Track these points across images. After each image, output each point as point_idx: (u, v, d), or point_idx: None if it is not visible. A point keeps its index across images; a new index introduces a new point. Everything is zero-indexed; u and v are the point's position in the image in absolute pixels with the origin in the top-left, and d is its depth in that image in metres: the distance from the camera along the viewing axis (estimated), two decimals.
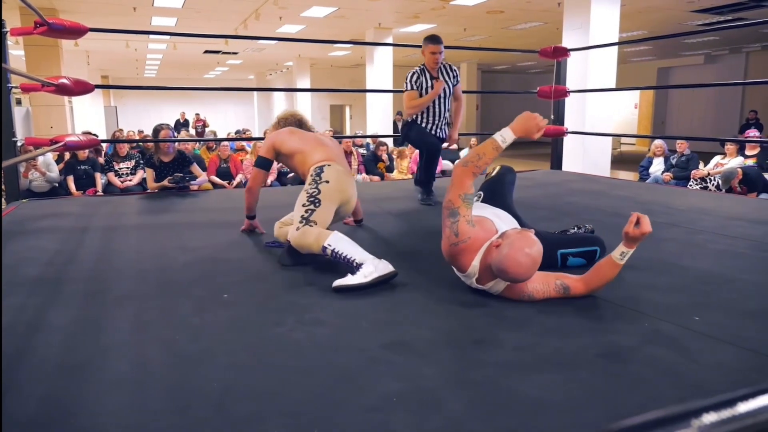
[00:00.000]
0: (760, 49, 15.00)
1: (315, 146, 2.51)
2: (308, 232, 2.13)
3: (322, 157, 2.45)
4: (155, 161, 4.22)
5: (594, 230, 2.54)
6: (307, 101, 17.83)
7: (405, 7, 9.94)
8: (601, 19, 6.33)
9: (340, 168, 2.43)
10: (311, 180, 2.35)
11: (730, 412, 0.38)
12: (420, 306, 1.78)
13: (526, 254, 1.64)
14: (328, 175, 2.35)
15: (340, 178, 2.38)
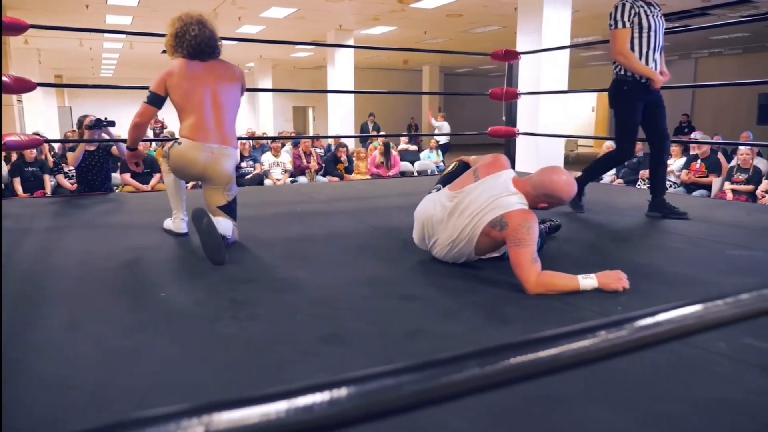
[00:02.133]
0: (708, 55, 15.59)
1: (196, 108, 2.41)
2: (163, 165, 2.58)
3: (188, 128, 2.41)
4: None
5: (561, 225, 2.66)
6: (269, 102, 17.70)
7: (365, 10, 9.98)
8: (553, 24, 6.49)
9: (197, 146, 2.38)
10: (170, 143, 2.52)
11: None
12: (357, 300, 1.81)
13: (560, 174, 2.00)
14: (173, 153, 2.45)
15: (184, 160, 2.41)
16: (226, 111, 2.49)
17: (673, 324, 0.47)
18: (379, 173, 7.89)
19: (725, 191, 6.12)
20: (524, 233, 1.88)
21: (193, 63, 2.45)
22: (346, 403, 0.34)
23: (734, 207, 3.93)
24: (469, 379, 0.38)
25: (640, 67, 2.98)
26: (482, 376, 0.37)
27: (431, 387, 0.37)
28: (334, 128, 12.12)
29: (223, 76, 2.51)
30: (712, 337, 1.47)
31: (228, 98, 2.50)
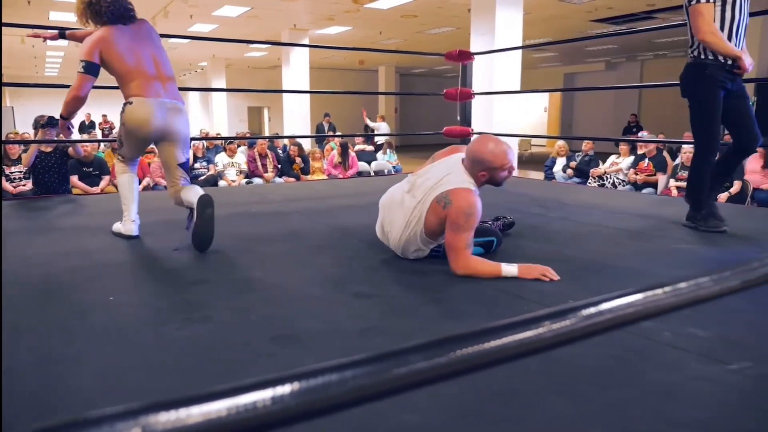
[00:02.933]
0: (653, 57, 16.18)
1: (139, 70, 2.41)
2: (118, 165, 2.61)
3: (136, 88, 2.41)
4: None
5: (514, 222, 2.73)
6: (223, 102, 17.39)
7: (319, 9, 9.93)
8: (505, 25, 6.61)
9: (150, 102, 2.40)
10: (120, 118, 2.49)
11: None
12: (312, 299, 1.80)
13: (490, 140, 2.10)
14: (128, 114, 2.42)
15: (141, 118, 2.41)
16: (165, 68, 2.54)
17: (616, 312, 0.49)
18: (336, 174, 7.87)
19: (670, 188, 6.36)
20: (463, 220, 1.99)
21: (120, 28, 2.45)
22: (290, 399, 0.33)
23: (679, 203, 4.08)
24: (415, 371, 0.38)
25: (729, 47, 2.54)
26: (428, 369, 0.38)
27: (377, 381, 0.37)
28: (290, 129, 12.01)
29: (150, 35, 2.55)
30: (658, 327, 1.53)
31: (163, 55, 2.56)
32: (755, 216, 3.52)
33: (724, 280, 0.61)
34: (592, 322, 0.46)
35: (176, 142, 2.52)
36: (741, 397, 1.18)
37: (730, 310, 1.69)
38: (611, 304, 0.49)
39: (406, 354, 0.38)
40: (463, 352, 0.39)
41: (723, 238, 2.67)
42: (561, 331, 0.44)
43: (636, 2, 8.92)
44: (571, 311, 0.46)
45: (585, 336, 0.46)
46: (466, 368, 0.39)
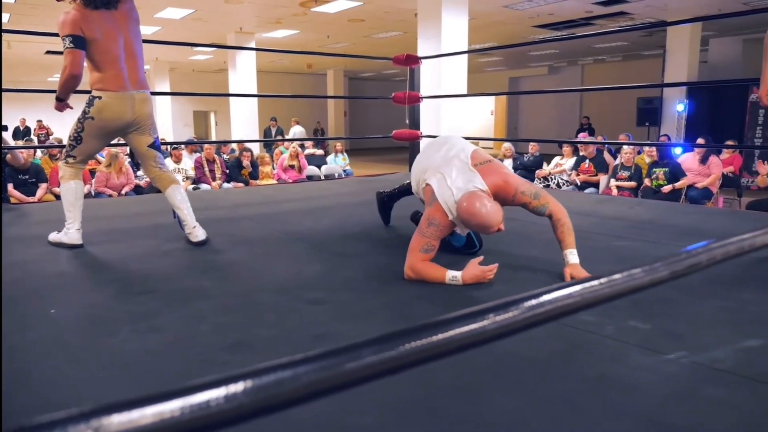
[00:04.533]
0: (593, 62, 16.79)
1: (112, 61, 2.37)
2: (62, 168, 2.51)
3: (105, 80, 2.37)
4: None
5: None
6: (167, 107, 16.96)
7: (266, 12, 9.83)
8: (451, 30, 6.72)
9: (119, 96, 2.39)
10: (81, 112, 2.43)
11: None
12: (264, 306, 1.78)
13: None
14: (96, 109, 2.39)
15: (112, 111, 2.39)
16: (138, 57, 2.50)
17: (556, 303, 0.52)
18: (285, 178, 7.80)
19: (611, 188, 6.61)
20: (425, 225, 2.03)
21: (102, 13, 2.35)
22: (242, 397, 0.34)
23: (618, 202, 4.26)
24: (366, 365, 0.39)
25: None
26: (379, 362, 0.39)
27: (329, 376, 0.38)
28: (237, 133, 11.83)
29: (130, 23, 2.46)
30: (601, 321, 1.59)
31: (138, 45, 2.51)
32: (687, 211, 3.70)
33: (655, 270, 0.65)
34: (534, 313, 0.49)
35: (145, 128, 2.54)
36: (677, 386, 1.24)
37: (669, 301, 1.78)
38: (551, 296, 0.52)
39: (357, 349, 0.39)
40: (412, 345, 0.41)
41: (658, 235, 2.81)
42: (505, 322, 0.47)
43: (575, 9, 9.25)
44: (514, 303, 0.48)
45: (528, 326, 0.49)
46: (415, 361, 0.41)
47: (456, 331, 0.43)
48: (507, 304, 0.47)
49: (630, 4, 8.86)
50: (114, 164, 6.82)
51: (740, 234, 0.86)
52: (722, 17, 3.93)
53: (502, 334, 0.46)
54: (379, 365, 0.39)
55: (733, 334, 1.53)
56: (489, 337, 0.45)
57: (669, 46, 10.48)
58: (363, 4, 9.00)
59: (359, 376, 0.38)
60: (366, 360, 0.39)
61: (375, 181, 5.02)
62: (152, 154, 2.59)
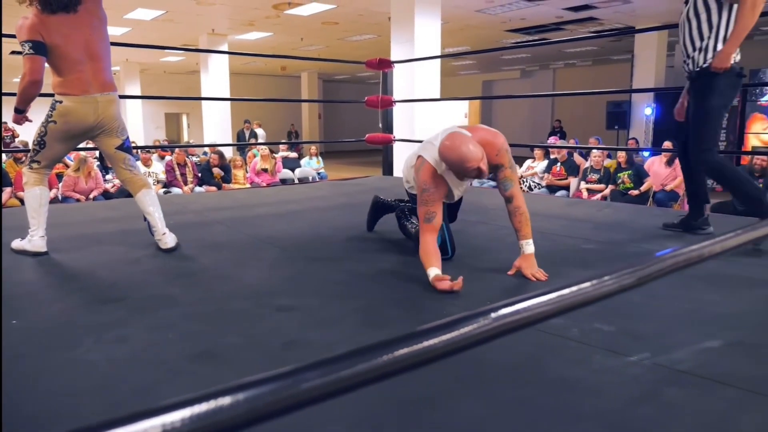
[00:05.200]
0: (564, 66, 17.05)
1: (74, 65, 2.33)
2: (26, 174, 2.46)
3: (68, 84, 2.34)
4: None
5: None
6: (138, 109, 16.68)
7: (238, 14, 9.75)
8: (424, 35, 6.76)
9: (82, 100, 2.36)
10: (45, 115, 2.39)
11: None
12: (233, 313, 1.77)
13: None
14: (59, 114, 2.36)
15: (74, 116, 2.37)
16: (103, 59, 2.45)
17: (529, 312, 0.53)
18: (258, 182, 7.74)
19: (581, 190, 6.72)
20: (420, 193, 2.12)
21: (59, 18, 2.29)
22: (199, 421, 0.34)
23: (587, 205, 4.33)
24: (335, 380, 0.39)
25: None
26: (350, 376, 0.40)
27: (297, 392, 0.38)
28: (210, 136, 11.70)
29: (92, 24, 2.40)
30: (567, 325, 1.62)
31: (103, 46, 2.45)
32: (654, 214, 3.77)
33: (624, 277, 0.68)
34: (505, 321, 0.50)
35: (111, 130, 2.50)
36: (638, 388, 1.27)
37: (633, 304, 1.82)
38: (524, 305, 0.54)
39: (326, 365, 0.43)
40: (384, 358, 0.41)
41: (625, 237, 2.86)
42: (481, 330, 0.48)
43: (546, 15, 9.38)
44: (483, 314, 0.49)
45: (498, 335, 0.50)
46: (389, 372, 0.42)
47: (429, 342, 0.45)
48: (482, 313, 0.49)
49: (599, 10, 9.03)
50: (82, 168, 6.69)
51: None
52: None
53: (478, 342, 0.47)
54: (349, 379, 0.40)
55: (694, 335, 1.57)
56: (465, 346, 0.46)
57: (637, 52, 10.70)
58: (336, 7, 8.99)
59: (327, 391, 0.39)
60: (334, 376, 0.39)
61: (348, 184, 5.01)
62: (121, 156, 2.56)
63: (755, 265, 2.25)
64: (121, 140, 2.55)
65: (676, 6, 9.00)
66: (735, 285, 2.01)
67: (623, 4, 8.58)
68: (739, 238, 1.04)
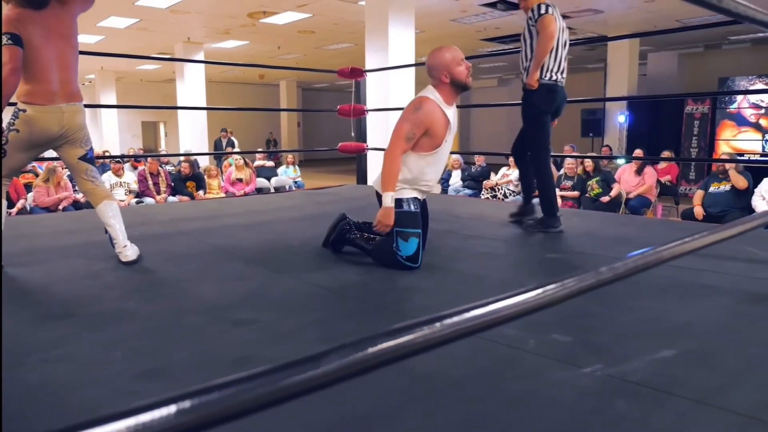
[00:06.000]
0: None
1: (42, 70, 2.26)
2: None
3: (33, 92, 2.27)
4: None
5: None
6: (114, 117, 16.47)
7: (213, 23, 9.70)
8: (398, 43, 6.77)
9: (49, 110, 2.30)
10: (7, 123, 2.32)
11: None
12: (187, 328, 1.73)
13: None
14: (22, 122, 2.29)
15: (38, 126, 2.30)
16: (71, 69, 2.40)
17: (480, 318, 0.53)
18: (233, 191, 7.67)
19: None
20: (410, 111, 2.27)
21: (33, 17, 2.24)
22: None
23: None
24: (282, 388, 0.43)
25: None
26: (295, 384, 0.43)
27: (231, 404, 0.42)
28: (186, 145, 11.58)
29: (64, 33, 2.35)
30: (524, 336, 1.61)
31: (72, 57, 2.40)
32: (622, 222, 3.81)
33: (567, 286, 0.68)
34: (458, 328, 0.50)
35: (75, 140, 2.45)
36: (589, 400, 1.26)
37: (592, 314, 1.82)
38: (477, 312, 0.53)
39: (274, 372, 0.45)
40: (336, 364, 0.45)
41: (592, 246, 2.88)
42: (432, 336, 0.48)
43: (520, 24, 9.46)
44: (437, 320, 0.50)
45: (452, 340, 0.50)
46: (337, 378, 0.45)
47: (384, 346, 0.48)
48: (432, 320, 0.49)
49: (571, 20, 9.15)
50: (52, 179, 6.58)
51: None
52: (657, 33, 4.11)
53: (427, 348, 0.48)
54: (286, 389, 0.44)
55: (649, 345, 1.57)
56: (413, 351, 0.46)
57: (610, 60, 10.86)
58: (312, 16, 8.99)
59: (267, 401, 0.43)
60: (281, 383, 0.44)
61: (321, 194, 4.99)
62: (83, 167, 2.50)
63: (710, 273, 2.28)
64: (84, 150, 2.50)
65: (645, 16, 9.14)
66: (691, 294, 2.03)
67: (594, 14, 8.71)
68: (694, 243, 1.06)
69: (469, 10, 8.55)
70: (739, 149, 10.13)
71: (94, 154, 2.57)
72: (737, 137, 10.16)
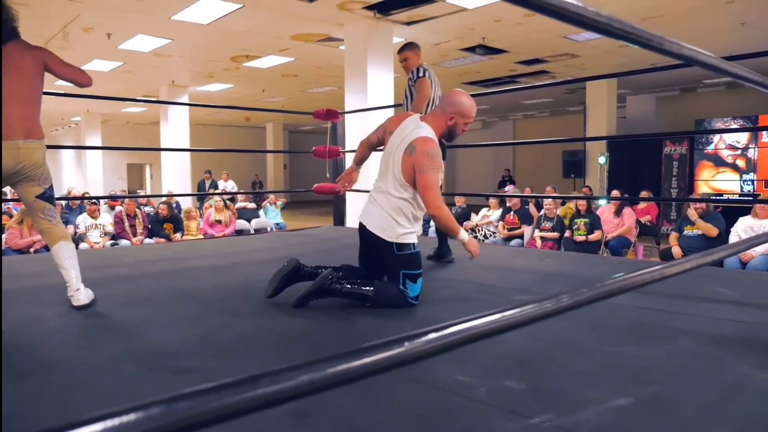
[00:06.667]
0: (523, 117, 17.53)
1: (2, 102, 2.18)
2: None
3: None
4: None
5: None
6: (98, 159, 16.43)
7: (197, 66, 9.80)
8: (377, 85, 6.85)
9: (4, 146, 2.23)
10: None
11: None
12: (120, 378, 1.63)
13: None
14: None
15: None
16: (31, 104, 2.34)
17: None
18: (212, 233, 7.58)
19: (535, 238, 6.74)
20: (429, 160, 2.26)
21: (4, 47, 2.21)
22: None
23: (529, 255, 4.31)
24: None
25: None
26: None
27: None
28: (168, 187, 11.52)
29: (25, 67, 2.30)
30: (475, 383, 1.53)
31: (32, 91, 2.35)
32: (595, 263, 3.76)
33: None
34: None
35: (33, 178, 2.38)
36: None
37: (549, 358, 1.74)
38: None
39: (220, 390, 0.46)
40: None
41: (560, 287, 2.81)
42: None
43: (499, 68, 9.67)
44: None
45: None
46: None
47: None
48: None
49: (549, 64, 9.34)
50: (26, 220, 6.46)
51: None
52: (631, 74, 4.18)
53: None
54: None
55: (606, 392, 1.50)
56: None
57: (589, 103, 11.07)
58: (295, 60, 9.10)
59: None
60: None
61: (296, 235, 4.92)
62: (41, 205, 2.43)
63: (677, 314, 2.22)
64: (42, 189, 2.43)
65: (621, 60, 9.34)
66: (655, 336, 1.96)
67: (571, 58, 8.91)
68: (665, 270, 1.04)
69: (449, 54, 8.71)
70: (718, 189, 10.25)
71: (53, 193, 2.50)
72: (716, 177, 10.29)
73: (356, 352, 0.56)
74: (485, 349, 1.77)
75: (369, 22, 6.73)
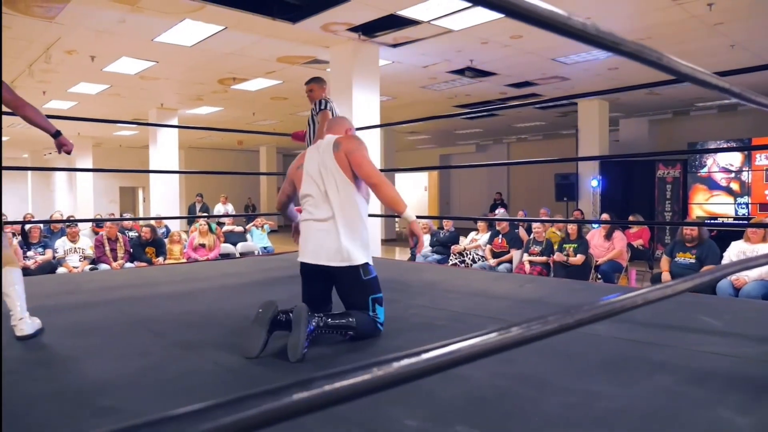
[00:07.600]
0: (516, 140, 17.51)
1: None
2: None
3: None
4: None
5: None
6: (89, 183, 16.30)
7: (184, 89, 9.73)
8: (362, 107, 6.77)
9: None
10: None
11: None
12: (32, 419, 1.47)
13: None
14: None
15: None
16: None
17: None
18: (195, 257, 7.41)
19: (524, 263, 6.59)
20: (356, 141, 2.32)
21: None
22: None
23: (510, 280, 4.15)
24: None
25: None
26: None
27: None
28: (156, 210, 11.38)
29: None
30: (427, 428, 1.37)
31: None
32: (575, 289, 3.60)
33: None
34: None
35: None
36: None
37: (515, 397, 1.59)
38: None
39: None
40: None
41: (537, 313, 2.66)
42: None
43: (489, 90, 9.62)
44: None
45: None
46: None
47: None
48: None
49: (539, 86, 9.30)
50: None
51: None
52: (618, 91, 4.12)
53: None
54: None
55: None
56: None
57: (581, 126, 11.01)
58: (283, 83, 9.04)
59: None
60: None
61: (272, 260, 4.77)
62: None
63: (656, 346, 2.06)
64: None
65: (611, 83, 9.30)
66: (632, 372, 1.81)
67: (561, 81, 8.86)
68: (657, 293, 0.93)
69: (438, 77, 8.65)
70: (712, 213, 10.13)
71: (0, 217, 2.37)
72: (710, 201, 10.17)
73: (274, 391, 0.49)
74: (440, 386, 1.61)
75: (354, 44, 6.67)
